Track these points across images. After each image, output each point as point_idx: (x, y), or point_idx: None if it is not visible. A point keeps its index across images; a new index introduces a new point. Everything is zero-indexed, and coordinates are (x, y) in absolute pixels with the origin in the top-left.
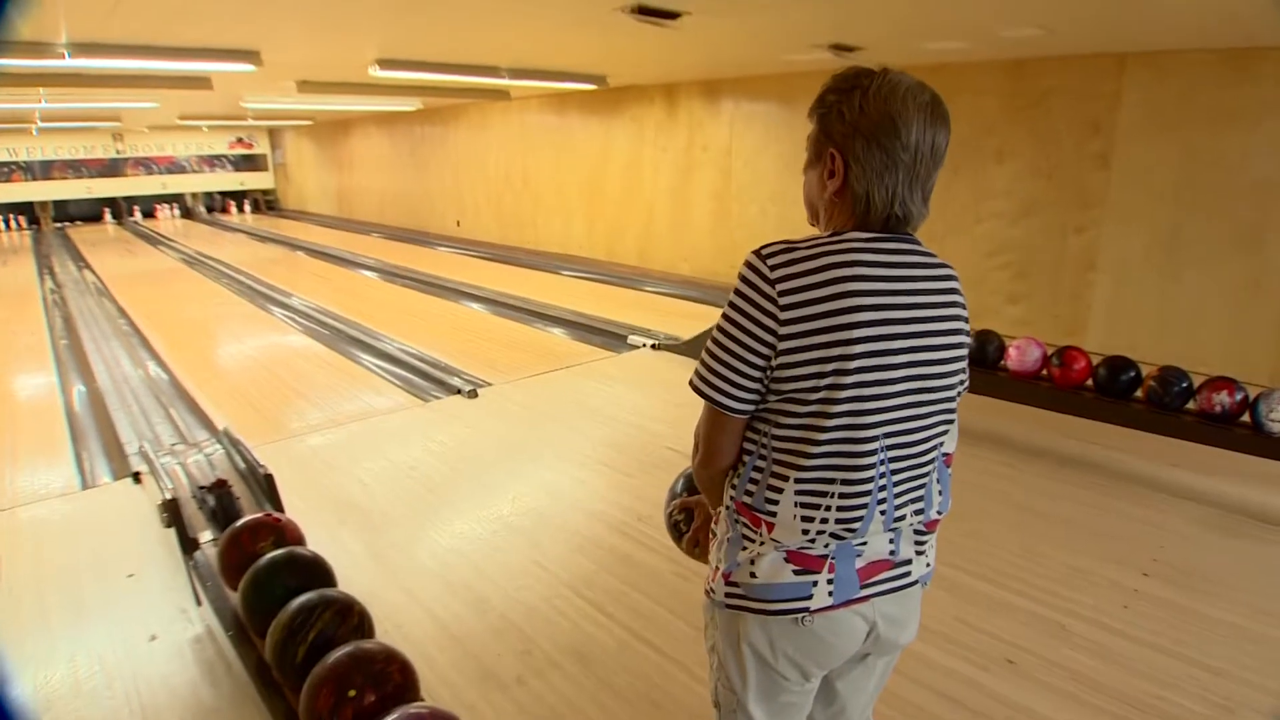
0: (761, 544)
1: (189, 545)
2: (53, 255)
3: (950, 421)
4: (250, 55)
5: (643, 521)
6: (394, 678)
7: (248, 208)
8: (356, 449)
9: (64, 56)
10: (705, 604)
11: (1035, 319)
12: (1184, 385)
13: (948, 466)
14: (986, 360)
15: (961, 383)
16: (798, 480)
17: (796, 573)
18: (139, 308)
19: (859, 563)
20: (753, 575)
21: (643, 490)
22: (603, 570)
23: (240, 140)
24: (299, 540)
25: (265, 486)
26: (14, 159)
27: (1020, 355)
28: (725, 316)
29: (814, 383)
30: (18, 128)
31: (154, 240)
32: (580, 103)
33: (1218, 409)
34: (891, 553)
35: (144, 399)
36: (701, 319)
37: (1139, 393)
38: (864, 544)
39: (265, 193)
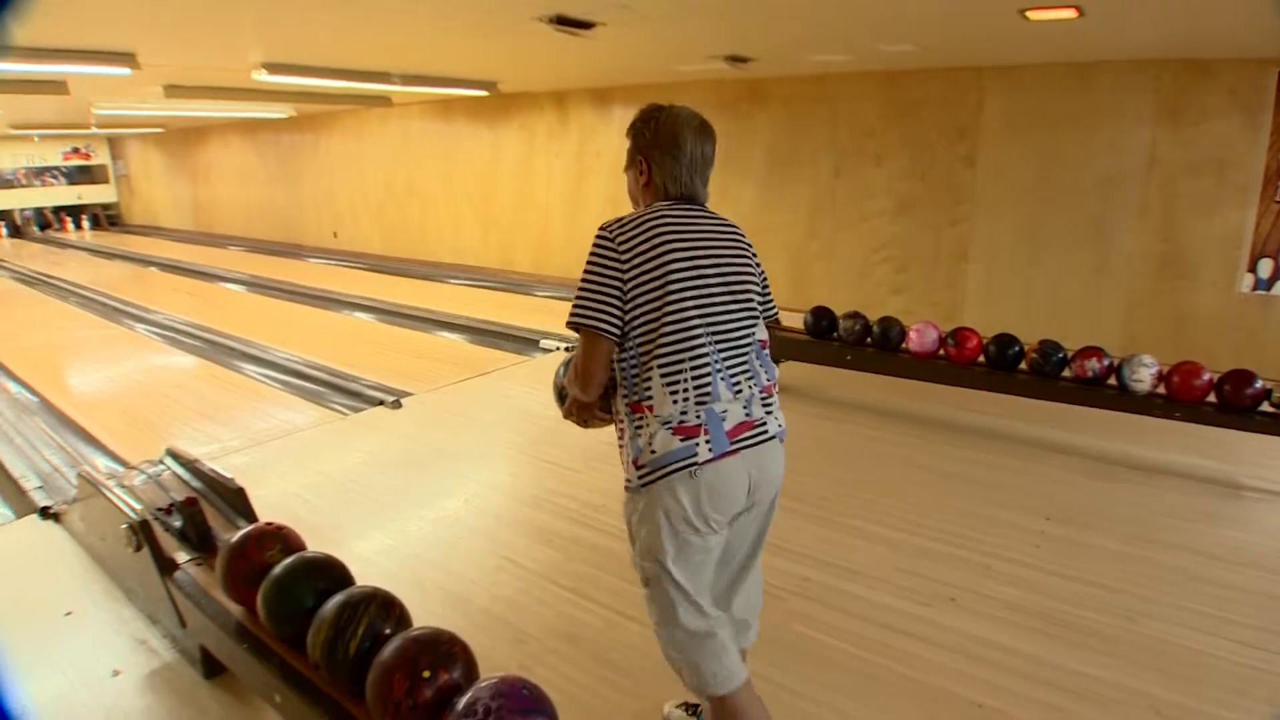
0: (649, 425)
1: (166, 566)
2: None
3: (756, 319)
4: (125, 58)
5: (599, 511)
6: (460, 656)
7: (86, 224)
8: (285, 466)
9: None
10: (625, 499)
11: (916, 307)
12: (1060, 355)
13: (765, 349)
14: (890, 344)
15: (765, 301)
16: (660, 369)
17: (682, 440)
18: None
19: (726, 425)
20: (652, 451)
21: (591, 482)
22: (573, 559)
23: (77, 150)
24: (301, 546)
25: (236, 500)
26: None
27: (920, 338)
28: (586, 271)
29: (651, 296)
30: None
31: None
32: (467, 110)
33: (1090, 374)
34: (748, 414)
35: (27, 431)
36: None
37: (1023, 365)
38: (725, 411)
39: (106, 207)
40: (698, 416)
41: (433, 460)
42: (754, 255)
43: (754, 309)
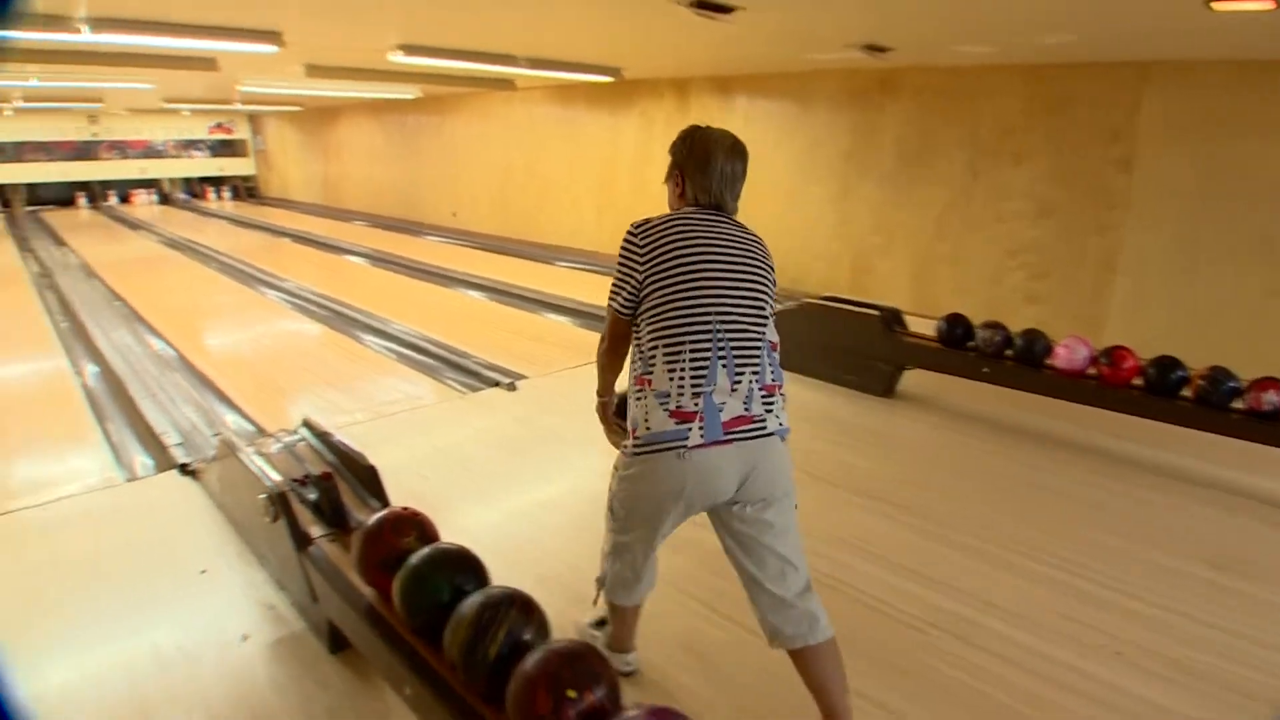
0: (646, 398)
1: (301, 540)
2: (31, 238)
3: (765, 320)
4: (272, 36)
5: None
6: (605, 676)
7: (226, 194)
8: (405, 439)
9: (80, 31)
10: (617, 459)
11: (1054, 318)
12: (1231, 384)
13: (774, 350)
14: (1034, 358)
15: (770, 301)
16: (663, 349)
17: (677, 423)
18: (135, 294)
19: (723, 417)
20: (648, 427)
21: None
22: (701, 567)
23: (220, 125)
24: (435, 534)
25: (368, 477)
26: None
27: (1069, 354)
28: (617, 263)
29: (663, 283)
30: None
31: (133, 225)
32: (588, 96)
33: (1268, 408)
34: (746, 409)
35: (168, 387)
36: None
37: (1186, 392)
38: (723, 404)
39: (245, 179)
40: (695, 403)
41: (546, 446)
42: (770, 265)
43: (764, 311)
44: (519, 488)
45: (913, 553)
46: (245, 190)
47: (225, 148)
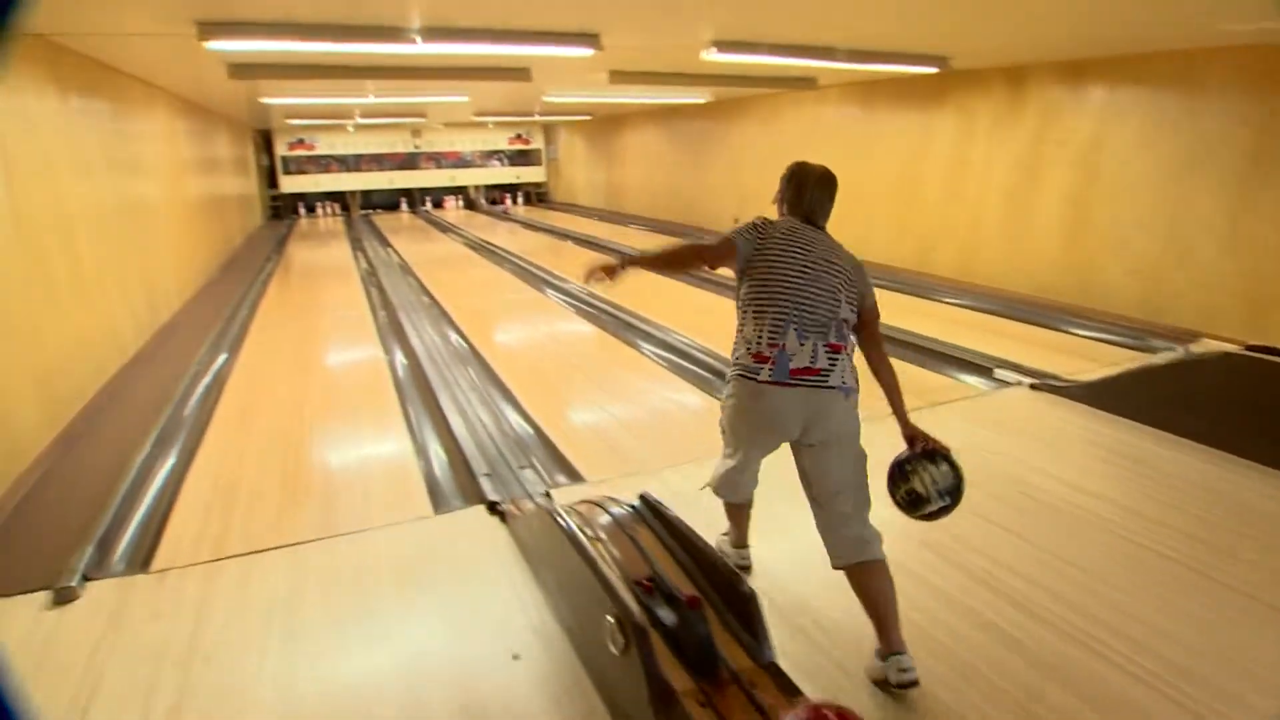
0: (739, 344)
1: (663, 694)
2: (362, 239)
3: (838, 303)
4: (589, 38)
5: (1096, 627)
6: None
7: (520, 200)
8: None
9: (414, 41)
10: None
11: None
12: None
13: (846, 326)
14: None
15: (858, 295)
16: (754, 309)
17: (755, 361)
18: (441, 289)
19: (791, 365)
20: (737, 360)
21: (1086, 580)
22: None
23: (519, 136)
24: None
25: (743, 610)
26: (332, 152)
27: None
28: (738, 229)
29: (766, 263)
30: (337, 124)
31: (443, 227)
32: (892, 93)
33: None
34: (813, 361)
35: (468, 391)
36: (1064, 351)
37: None
38: (793, 355)
39: (536, 186)
40: (770, 351)
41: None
42: (849, 264)
43: (837, 296)
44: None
45: None
46: (536, 196)
47: (521, 157)
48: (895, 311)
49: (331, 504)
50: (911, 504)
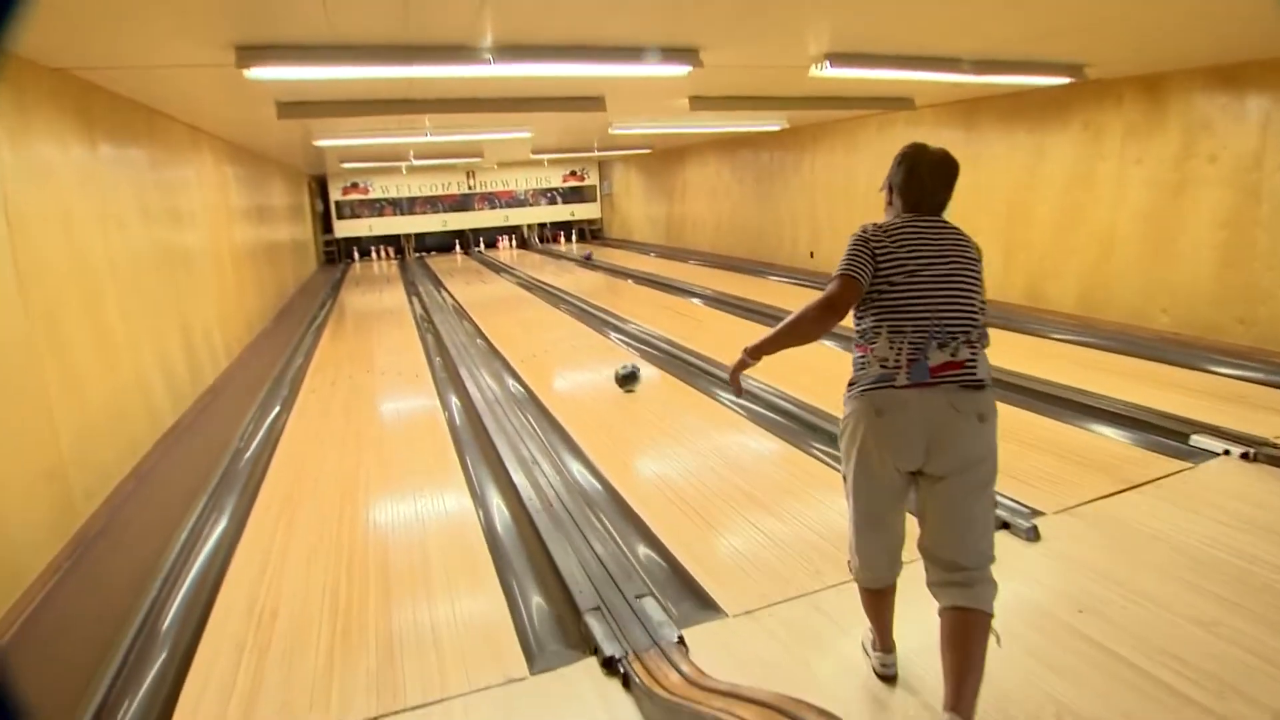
0: (870, 360)
1: None
2: (417, 281)
3: (974, 308)
4: (688, 54)
5: None
6: None
7: (574, 237)
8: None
9: (488, 61)
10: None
11: None
12: None
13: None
14: None
15: (980, 287)
16: (889, 329)
17: (888, 369)
18: (496, 333)
19: (930, 364)
20: (861, 378)
21: None
22: None
23: (574, 173)
24: None
25: None
26: (385, 195)
27: None
28: (848, 252)
29: (893, 279)
30: (391, 166)
31: (497, 268)
32: (998, 111)
33: None
34: (954, 355)
35: (571, 505)
36: (1251, 405)
37: None
38: (930, 358)
39: (590, 222)
40: (910, 365)
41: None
42: (977, 253)
43: (975, 293)
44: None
45: None
46: (591, 233)
47: (574, 194)
48: (1013, 353)
49: (392, 655)
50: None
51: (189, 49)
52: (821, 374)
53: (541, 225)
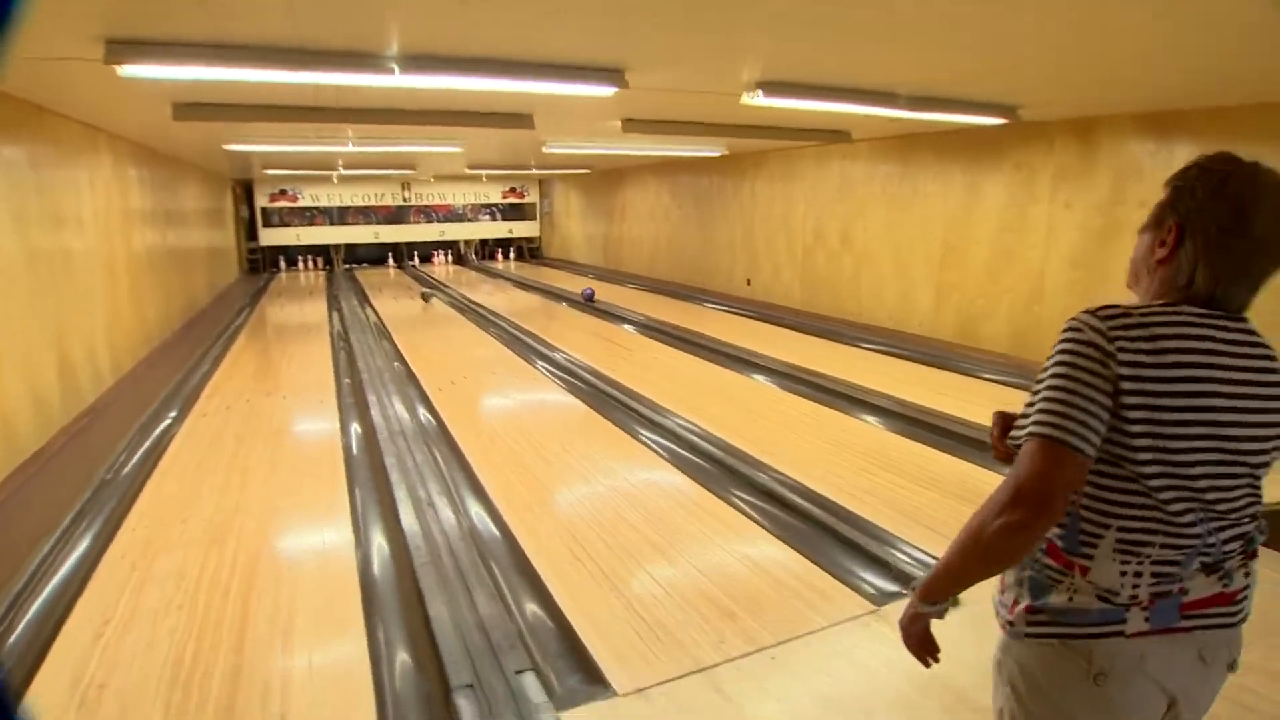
0: (1075, 586)
1: None
2: (340, 296)
3: (1259, 484)
4: (614, 74)
5: None
6: None
7: (512, 255)
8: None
9: (392, 71)
10: (1001, 641)
11: None
12: None
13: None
14: None
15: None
16: (1120, 529)
17: (1109, 604)
18: (415, 356)
19: (1186, 599)
20: (1063, 603)
21: None
22: None
23: (513, 190)
24: None
25: None
26: (316, 204)
27: None
28: (1061, 371)
29: (1149, 442)
30: (321, 174)
31: (428, 284)
32: (934, 147)
33: None
34: (1226, 584)
35: (463, 555)
36: None
37: None
38: (1188, 589)
39: (529, 240)
40: (1153, 599)
41: None
42: None
43: (1260, 479)
44: None
45: None
46: (529, 251)
47: (514, 211)
48: (937, 392)
49: None
50: None
51: (54, 40)
52: (739, 403)
53: (483, 242)
